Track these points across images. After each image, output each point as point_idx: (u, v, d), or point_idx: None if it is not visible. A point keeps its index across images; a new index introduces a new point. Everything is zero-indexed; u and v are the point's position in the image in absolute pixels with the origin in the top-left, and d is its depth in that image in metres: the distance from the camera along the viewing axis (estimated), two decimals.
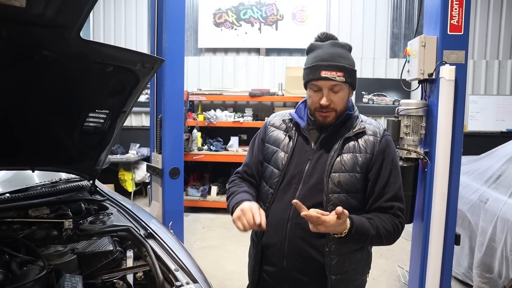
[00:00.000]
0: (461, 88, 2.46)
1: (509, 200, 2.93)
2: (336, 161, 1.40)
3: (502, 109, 6.22)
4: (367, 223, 1.33)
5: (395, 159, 1.46)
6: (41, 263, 1.37)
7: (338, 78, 1.36)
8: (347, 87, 1.42)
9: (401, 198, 1.43)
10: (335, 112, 1.42)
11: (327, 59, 1.38)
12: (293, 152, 1.47)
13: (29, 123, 1.61)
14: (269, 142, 1.57)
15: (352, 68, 1.41)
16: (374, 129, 1.46)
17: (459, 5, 2.45)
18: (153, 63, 1.49)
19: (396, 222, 1.39)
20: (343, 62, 1.38)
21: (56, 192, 2.04)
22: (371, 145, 1.42)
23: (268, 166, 1.53)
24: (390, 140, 1.48)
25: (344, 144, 1.43)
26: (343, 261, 1.42)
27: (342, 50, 1.42)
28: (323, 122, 1.45)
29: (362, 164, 1.41)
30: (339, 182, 1.39)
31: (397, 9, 6.36)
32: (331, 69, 1.36)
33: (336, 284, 1.42)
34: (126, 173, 6.14)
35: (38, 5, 1.03)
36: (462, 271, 3.43)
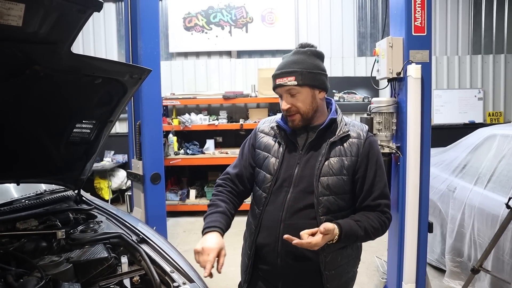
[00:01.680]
0: (427, 85, 2.62)
1: (474, 188, 3.13)
2: (324, 166, 1.49)
3: (464, 102, 6.57)
4: (355, 226, 1.43)
5: (379, 159, 1.55)
6: (38, 274, 1.38)
7: (289, 82, 1.47)
8: (305, 89, 1.48)
9: (387, 195, 1.54)
10: (299, 114, 1.50)
11: (280, 68, 1.51)
12: (283, 157, 1.55)
13: (16, 136, 1.61)
14: (260, 148, 1.64)
15: (308, 71, 1.47)
16: (358, 132, 1.55)
17: (421, 7, 2.61)
18: (140, 73, 1.54)
19: (383, 219, 1.50)
20: (295, 67, 1.47)
21: (42, 203, 2.04)
22: (356, 148, 1.51)
23: (260, 171, 1.60)
24: (373, 141, 1.57)
25: (331, 149, 1.51)
26: (335, 257, 1.52)
27: (301, 57, 1.50)
28: (293, 126, 1.53)
29: (348, 167, 1.50)
30: (328, 186, 1.48)
31: (362, 9, 6.59)
32: (282, 75, 1.49)
33: (330, 278, 1.52)
34: (102, 181, 6.06)
35: (33, 24, 1.06)
36: (436, 257, 3.63)
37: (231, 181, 1.69)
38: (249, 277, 1.65)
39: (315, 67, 1.50)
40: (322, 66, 1.54)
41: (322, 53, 1.56)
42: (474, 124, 6.34)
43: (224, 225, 1.51)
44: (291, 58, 1.51)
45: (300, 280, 1.54)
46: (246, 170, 1.67)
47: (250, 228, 1.65)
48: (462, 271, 3.18)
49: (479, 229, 2.93)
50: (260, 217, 1.57)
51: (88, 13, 1.10)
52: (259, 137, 1.66)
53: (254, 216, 1.62)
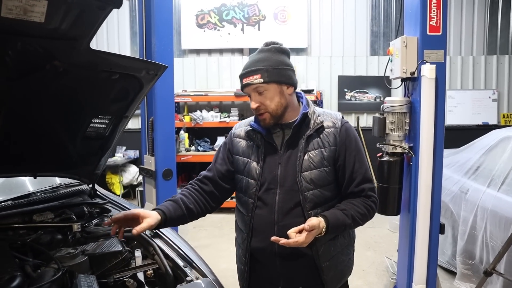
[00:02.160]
0: (441, 85, 2.60)
1: (488, 190, 3.10)
2: (304, 160, 1.48)
3: (478, 103, 6.49)
4: (341, 215, 1.44)
5: (357, 144, 1.54)
6: (55, 265, 1.42)
7: (255, 81, 1.45)
8: (273, 86, 1.47)
9: (369, 179, 1.53)
10: (268, 112, 1.49)
11: (246, 67, 1.50)
12: (264, 160, 1.53)
13: (33, 130, 1.65)
14: (238, 154, 1.61)
15: (273, 67, 1.45)
16: (332, 121, 1.54)
17: (437, 7, 2.60)
18: (157, 70, 1.56)
19: (369, 203, 1.51)
20: (260, 65, 1.46)
21: (57, 197, 2.08)
22: (333, 137, 1.51)
23: (243, 177, 1.58)
24: (349, 127, 1.55)
25: (308, 142, 1.50)
26: (328, 249, 1.53)
27: (265, 54, 1.49)
28: (264, 125, 1.52)
29: (328, 157, 1.50)
30: (311, 180, 1.47)
31: (376, 8, 6.54)
32: (248, 74, 1.47)
33: (327, 269, 1.53)
34: (113, 176, 6.13)
35: (55, 21, 1.09)
36: (446, 259, 3.60)
37: (200, 181, 1.66)
38: (247, 283, 1.65)
39: (280, 63, 1.48)
40: (288, 61, 1.53)
41: (286, 49, 1.54)
42: (488, 126, 6.26)
43: (168, 209, 1.49)
44: (256, 56, 1.50)
45: (300, 276, 1.56)
46: (220, 174, 1.64)
47: (241, 234, 1.63)
48: (473, 274, 3.15)
49: (491, 231, 2.90)
50: (251, 222, 1.55)
51: (108, 10, 1.12)
52: (235, 143, 1.64)
53: (243, 222, 1.60)
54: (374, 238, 4.61)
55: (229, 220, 5.44)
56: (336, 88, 6.52)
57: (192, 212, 1.57)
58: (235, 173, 1.63)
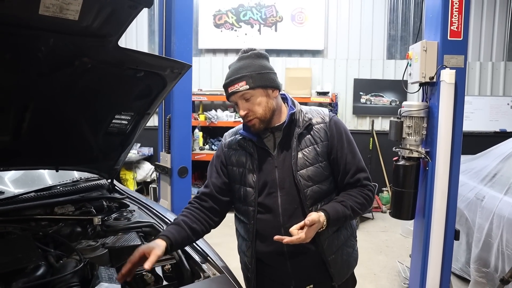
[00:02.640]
0: (461, 91, 2.58)
1: (504, 198, 3.06)
2: (299, 158, 1.50)
3: (495, 110, 6.39)
4: (340, 207, 1.46)
5: (347, 135, 1.57)
6: (77, 256, 1.46)
7: (241, 88, 1.46)
8: (258, 91, 1.48)
9: (363, 168, 1.56)
10: (257, 118, 1.50)
11: (229, 76, 1.51)
12: (259, 166, 1.54)
13: (59, 125, 1.70)
14: (232, 164, 1.61)
15: (256, 73, 1.47)
16: (320, 116, 1.56)
17: (459, 12, 2.58)
18: (181, 68, 1.59)
19: (365, 192, 1.54)
20: (243, 72, 1.47)
21: (77, 190, 2.13)
22: (323, 132, 1.53)
23: (240, 187, 1.58)
24: (337, 121, 1.58)
25: (300, 141, 1.52)
26: (332, 242, 1.55)
27: (246, 61, 1.51)
28: (254, 130, 1.53)
29: (322, 152, 1.52)
30: (308, 177, 1.50)
31: (394, 12, 6.49)
32: (233, 83, 1.48)
33: (333, 262, 1.55)
34: (127, 173, 6.21)
35: (88, 18, 1.12)
36: (460, 266, 3.56)
37: (199, 199, 1.66)
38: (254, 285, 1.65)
39: (262, 67, 1.50)
40: (269, 65, 1.55)
41: (265, 53, 1.56)
42: (506, 133, 6.15)
43: (171, 233, 1.47)
44: (237, 64, 1.52)
45: (309, 274, 1.58)
46: (217, 189, 1.63)
47: (245, 242, 1.63)
48: (487, 282, 3.11)
49: (507, 240, 2.86)
50: (254, 229, 1.55)
51: (139, 9, 1.15)
52: (227, 153, 1.64)
53: (246, 230, 1.60)
54: (386, 243, 4.58)
55: None
56: (351, 91, 6.49)
57: (196, 231, 1.56)
58: (231, 184, 1.63)
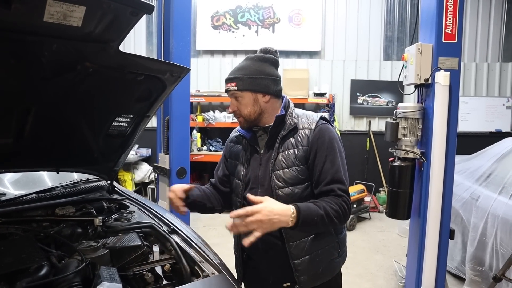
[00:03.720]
0: (455, 93, 2.63)
1: (499, 197, 3.11)
2: (277, 160, 1.56)
3: (491, 110, 6.45)
4: (312, 205, 1.42)
5: (331, 145, 1.52)
6: (79, 257, 1.48)
7: (231, 88, 1.56)
8: (247, 93, 1.55)
9: (340, 180, 1.49)
10: (242, 117, 1.59)
11: (228, 74, 1.60)
12: (249, 162, 1.65)
13: (61, 127, 1.72)
14: (231, 157, 1.76)
15: (248, 76, 1.53)
16: (308, 122, 1.58)
17: (453, 15, 2.63)
18: (180, 72, 1.62)
19: (340, 202, 1.46)
20: (238, 73, 1.55)
21: (78, 191, 2.15)
22: (306, 138, 1.55)
23: (234, 179, 1.71)
24: (324, 128, 1.55)
25: (282, 143, 1.57)
26: (301, 246, 1.55)
27: (246, 63, 1.58)
28: (241, 127, 1.65)
29: (300, 157, 1.54)
30: (282, 178, 1.54)
31: (390, 13, 6.54)
32: (227, 82, 1.58)
33: (299, 267, 1.55)
34: (126, 174, 6.23)
35: (90, 25, 1.16)
36: (455, 265, 3.61)
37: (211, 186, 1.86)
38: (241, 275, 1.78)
39: (257, 72, 1.55)
40: (268, 70, 1.57)
41: (271, 57, 1.59)
42: (501, 133, 6.21)
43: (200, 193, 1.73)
44: (239, 65, 1.61)
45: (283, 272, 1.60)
46: (221, 181, 1.80)
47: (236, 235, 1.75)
48: (482, 281, 3.16)
49: (502, 239, 2.91)
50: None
51: (140, 15, 1.19)
52: (229, 147, 1.79)
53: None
54: (383, 242, 4.62)
55: None
56: (348, 92, 6.53)
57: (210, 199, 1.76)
58: (230, 175, 1.76)
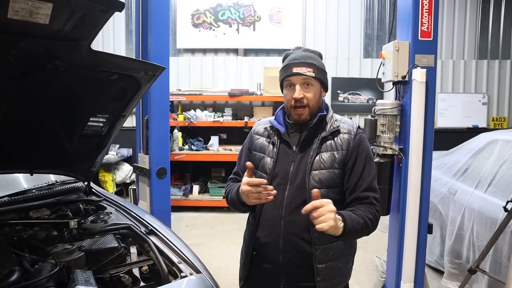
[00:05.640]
0: (431, 89, 2.67)
1: (475, 192, 3.18)
2: (316, 160, 1.54)
3: (468, 106, 6.60)
4: (353, 214, 1.46)
5: (369, 154, 1.59)
6: (53, 260, 1.45)
7: (308, 73, 1.51)
8: (317, 84, 1.55)
9: (375, 189, 1.56)
10: (308, 108, 1.54)
11: (298, 58, 1.55)
12: (278, 156, 1.59)
13: (32, 128, 1.68)
14: (256, 149, 1.68)
15: (321, 68, 1.56)
16: (349, 128, 1.60)
17: (429, 13, 2.66)
18: (155, 70, 1.60)
19: (373, 210, 1.51)
20: (312, 61, 1.55)
21: (53, 194, 2.10)
22: (346, 142, 1.56)
23: (257, 171, 1.62)
24: (364, 137, 1.61)
25: (322, 144, 1.56)
26: (327, 251, 1.55)
27: (312, 54, 1.59)
28: (299, 120, 1.56)
29: (339, 160, 1.55)
30: (319, 179, 1.53)
31: (370, 11, 6.61)
32: (301, 65, 1.52)
33: (322, 272, 1.55)
34: (106, 174, 6.13)
35: (58, 22, 1.12)
36: (435, 258, 3.68)
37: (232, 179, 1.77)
38: (246, 273, 1.69)
39: (323, 66, 1.59)
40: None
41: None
42: (478, 129, 6.36)
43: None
44: (305, 53, 1.58)
45: (301, 276, 1.58)
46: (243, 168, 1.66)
47: (249, 226, 1.69)
48: (460, 273, 3.23)
49: (478, 232, 2.98)
50: (259, 216, 1.60)
51: (110, 13, 1.16)
52: (254, 139, 1.71)
53: (253, 214, 1.66)
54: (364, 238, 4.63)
55: (221, 219, 5.49)
56: (329, 89, 6.54)
57: None
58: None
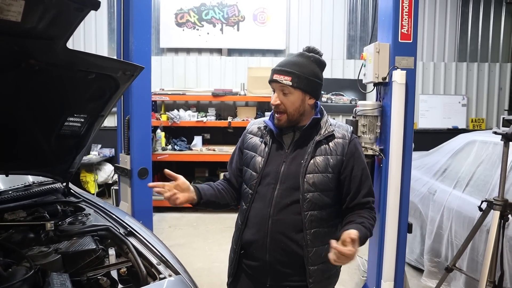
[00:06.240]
0: (411, 91, 2.71)
1: (453, 191, 3.24)
2: (310, 163, 1.55)
3: (448, 108, 6.73)
4: (360, 226, 1.48)
5: (364, 159, 1.63)
6: (27, 263, 1.41)
7: (284, 81, 1.52)
8: (297, 92, 1.54)
9: (373, 193, 1.63)
10: (286, 114, 1.56)
11: (281, 65, 1.56)
12: (269, 156, 1.61)
13: (7, 128, 1.63)
14: (248, 148, 1.70)
15: (305, 76, 1.52)
16: (343, 132, 1.61)
17: (408, 16, 2.70)
18: (133, 70, 1.58)
19: (373, 215, 1.59)
20: (295, 69, 1.52)
21: (30, 195, 2.06)
22: (341, 147, 1.57)
23: (248, 170, 1.66)
24: (358, 142, 1.64)
25: (317, 148, 1.57)
26: (319, 252, 1.56)
27: (304, 60, 1.55)
28: (278, 124, 1.59)
29: (333, 165, 1.56)
30: (313, 183, 1.54)
31: (353, 13, 6.68)
32: (280, 73, 1.53)
33: (314, 274, 1.56)
34: (88, 175, 6.04)
35: (32, 20, 1.10)
36: (415, 257, 3.74)
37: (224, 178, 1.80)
38: (234, 271, 1.70)
39: (313, 74, 1.55)
40: (320, 75, 1.59)
41: (324, 62, 1.62)
42: (457, 130, 6.49)
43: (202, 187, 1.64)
44: (294, 58, 1.57)
45: (287, 276, 1.58)
46: (236, 176, 1.75)
47: (237, 224, 1.70)
48: (439, 271, 3.29)
49: (456, 231, 3.04)
50: (247, 213, 1.62)
51: (86, 11, 1.14)
52: (247, 139, 1.73)
53: (241, 212, 1.68)
54: None
55: (205, 219, 5.46)
56: None
57: (222, 195, 1.70)
58: (243, 166, 1.71)
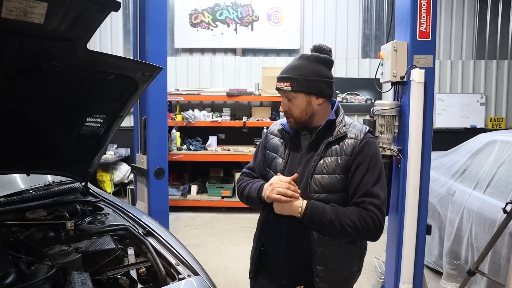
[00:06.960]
0: (430, 90, 2.66)
1: (473, 192, 3.17)
2: (319, 164, 1.53)
3: (466, 107, 6.61)
4: (328, 208, 1.47)
5: (374, 159, 1.52)
6: (49, 262, 1.43)
7: (284, 88, 1.54)
8: (301, 95, 1.54)
9: (374, 194, 1.47)
10: (293, 118, 1.58)
11: (281, 72, 1.58)
12: (288, 157, 1.62)
13: (29, 128, 1.66)
14: (269, 149, 1.72)
15: (303, 78, 1.51)
16: (356, 133, 1.56)
17: (427, 13, 2.65)
18: (152, 71, 1.58)
19: (364, 214, 1.44)
20: (292, 73, 1.53)
21: (50, 194, 2.09)
22: (351, 148, 1.53)
23: (269, 171, 1.68)
24: (371, 142, 1.55)
25: (327, 148, 1.55)
26: (326, 253, 1.54)
27: (302, 63, 1.55)
28: (290, 127, 1.62)
29: (342, 166, 1.53)
30: (320, 184, 1.52)
31: (368, 11, 6.61)
32: (280, 80, 1.56)
33: (321, 274, 1.54)
34: (104, 174, 6.11)
35: (54, 22, 1.11)
36: (433, 259, 3.67)
37: (245, 173, 1.79)
38: (255, 267, 1.73)
39: (313, 74, 1.53)
40: (324, 72, 1.55)
41: (327, 58, 1.57)
42: (476, 129, 6.37)
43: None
44: (293, 63, 1.58)
45: (300, 273, 1.59)
46: (261, 171, 1.75)
47: (258, 222, 1.73)
48: (459, 274, 3.22)
49: (476, 233, 2.97)
50: (267, 214, 1.65)
51: (106, 12, 1.15)
52: (269, 139, 1.75)
53: (263, 214, 1.70)
54: None
55: (219, 219, 5.48)
56: None
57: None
58: (266, 166, 1.73)
